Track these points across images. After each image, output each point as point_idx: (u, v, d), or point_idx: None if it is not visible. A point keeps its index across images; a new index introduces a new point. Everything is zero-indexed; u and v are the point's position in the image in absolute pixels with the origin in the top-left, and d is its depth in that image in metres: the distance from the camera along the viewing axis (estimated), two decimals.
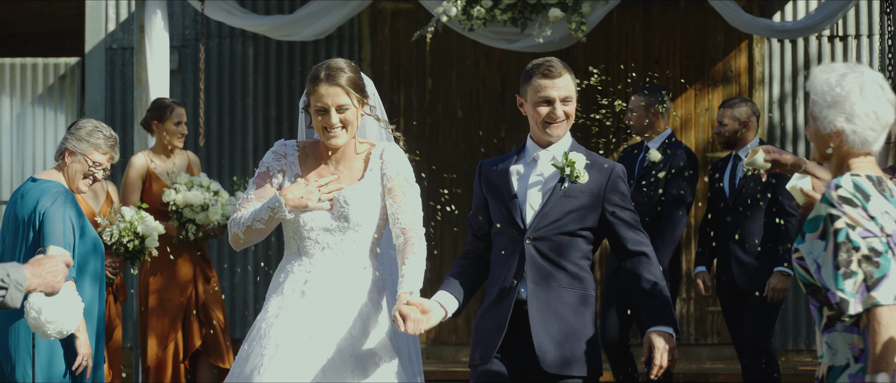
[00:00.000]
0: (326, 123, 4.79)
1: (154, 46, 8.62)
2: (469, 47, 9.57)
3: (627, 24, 9.82)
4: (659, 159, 7.88)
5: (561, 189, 4.84)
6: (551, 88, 4.87)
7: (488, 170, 5.03)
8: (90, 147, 6.15)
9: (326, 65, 4.84)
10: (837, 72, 4.14)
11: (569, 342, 4.81)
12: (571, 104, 4.91)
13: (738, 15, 8.54)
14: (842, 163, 4.14)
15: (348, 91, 4.78)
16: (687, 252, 9.52)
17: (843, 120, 4.06)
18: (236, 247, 4.92)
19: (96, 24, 9.80)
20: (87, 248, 6.37)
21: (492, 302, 4.92)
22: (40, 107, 10.61)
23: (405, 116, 9.92)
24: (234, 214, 4.90)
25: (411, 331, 4.55)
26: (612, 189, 4.88)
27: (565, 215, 4.83)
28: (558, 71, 4.89)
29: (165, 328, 7.89)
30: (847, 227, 3.96)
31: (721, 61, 9.74)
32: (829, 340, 4.07)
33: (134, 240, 7.43)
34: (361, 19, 9.82)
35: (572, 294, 4.85)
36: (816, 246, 4.05)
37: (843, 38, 9.66)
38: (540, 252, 4.83)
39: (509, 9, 8.31)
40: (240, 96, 9.93)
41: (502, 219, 4.92)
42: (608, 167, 4.92)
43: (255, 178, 4.96)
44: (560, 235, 4.83)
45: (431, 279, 9.65)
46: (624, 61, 9.80)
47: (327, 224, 4.83)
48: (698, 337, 9.78)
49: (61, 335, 5.60)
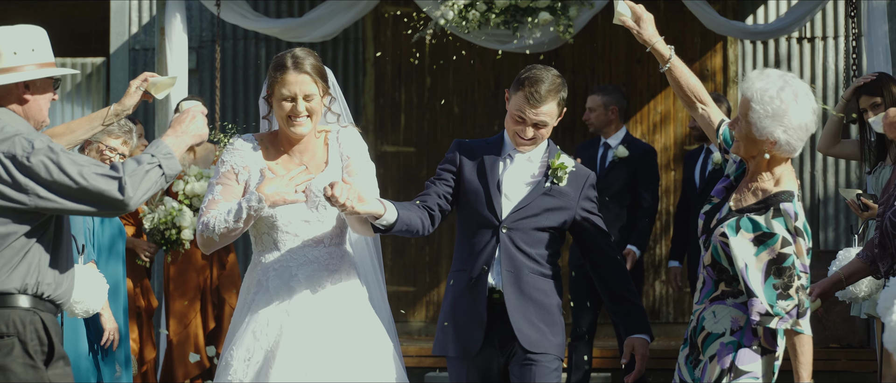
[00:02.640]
0: (292, 111, 4.49)
1: (174, 47, 8.80)
2: (465, 48, 9.55)
3: (611, 27, 9.19)
4: (626, 155, 8.02)
5: (544, 187, 4.78)
6: (530, 112, 4.71)
7: (470, 151, 4.87)
8: (104, 134, 6.32)
9: (292, 52, 4.53)
10: (775, 82, 4.23)
11: (543, 323, 4.76)
12: (546, 128, 4.75)
13: (713, 18, 8.73)
14: (768, 165, 4.31)
15: (315, 79, 4.51)
16: (666, 237, 9.67)
17: (781, 131, 4.20)
18: (208, 250, 4.54)
19: (120, 27, 9.92)
20: (112, 231, 6.68)
21: (462, 290, 4.79)
22: (69, 104, 10.56)
23: (406, 113, 10.03)
24: (203, 218, 4.49)
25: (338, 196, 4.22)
26: (586, 197, 4.82)
27: (542, 212, 4.77)
28: (540, 98, 4.70)
29: (184, 308, 8.01)
30: (794, 256, 4.21)
31: (698, 61, 9.84)
32: (716, 310, 4.35)
33: (171, 229, 7.67)
34: (366, 22, 9.90)
35: (543, 281, 4.78)
36: (747, 247, 4.25)
37: (810, 40, 9.76)
38: (514, 242, 4.74)
39: (502, 13, 8.45)
40: (253, 94, 10.00)
41: (477, 205, 4.79)
42: (583, 173, 4.84)
43: (217, 178, 4.56)
44: (534, 230, 4.76)
45: (427, 270, 9.87)
46: (608, 61, 9.93)
47: (306, 216, 4.54)
48: (676, 316, 9.88)
49: (87, 314, 5.85)
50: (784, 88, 4.21)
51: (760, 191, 4.33)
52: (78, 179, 4.17)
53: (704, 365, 4.38)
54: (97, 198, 4.19)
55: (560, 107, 4.76)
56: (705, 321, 4.39)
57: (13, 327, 4.26)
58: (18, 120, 4.38)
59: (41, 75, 4.40)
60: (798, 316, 4.19)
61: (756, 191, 4.33)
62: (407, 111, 10.12)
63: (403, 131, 10.09)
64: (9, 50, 4.38)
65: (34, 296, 4.30)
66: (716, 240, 4.34)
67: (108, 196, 4.18)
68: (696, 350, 4.40)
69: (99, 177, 4.19)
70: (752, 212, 4.28)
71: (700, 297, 4.44)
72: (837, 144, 7.05)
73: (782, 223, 4.22)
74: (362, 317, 4.58)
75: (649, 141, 9.88)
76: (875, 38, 8.27)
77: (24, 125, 4.36)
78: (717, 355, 4.32)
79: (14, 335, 4.26)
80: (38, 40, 4.45)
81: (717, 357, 4.32)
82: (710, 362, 4.35)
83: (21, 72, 4.37)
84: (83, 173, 4.18)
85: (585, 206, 4.83)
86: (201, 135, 4.43)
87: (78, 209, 4.22)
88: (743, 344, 4.32)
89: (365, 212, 4.37)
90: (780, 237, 4.21)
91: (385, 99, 10.11)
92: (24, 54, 4.39)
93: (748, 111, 4.23)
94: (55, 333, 4.33)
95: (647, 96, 9.99)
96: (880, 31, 8.27)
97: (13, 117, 4.38)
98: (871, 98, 6.59)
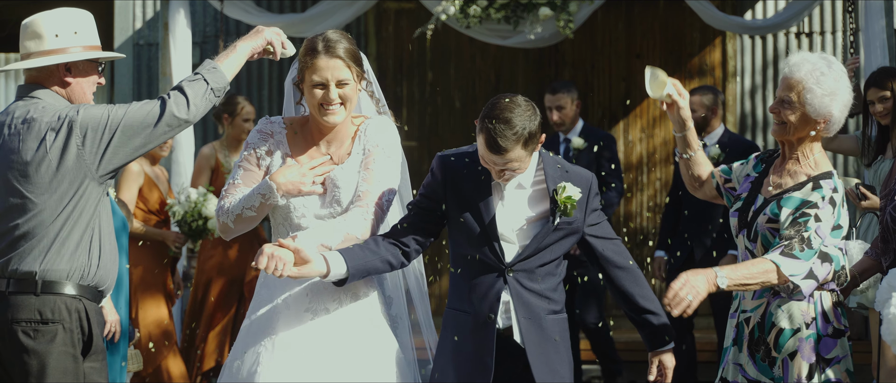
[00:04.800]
0: (325, 99, 4.19)
1: (177, 43, 8.77)
2: (466, 43, 9.65)
3: (611, 22, 9.92)
4: (584, 146, 8.05)
5: (552, 225, 4.26)
6: (492, 160, 4.16)
7: (455, 175, 4.29)
8: None
9: (324, 36, 4.22)
10: (822, 62, 4.29)
11: (561, 368, 4.33)
12: (520, 162, 4.16)
13: (712, 13, 8.75)
14: (809, 147, 4.38)
15: (349, 64, 4.20)
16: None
17: (836, 108, 4.30)
18: (226, 236, 4.33)
19: (124, 22, 9.88)
20: (117, 225, 6.43)
21: (466, 334, 4.29)
22: None
23: (408, 107, 10.07)
24: (221, 202, 4.29)
25: (263, 267, 3.95)
26: (592, 209, 4.35)
27: (549, 246, 4.29)
28: (503, 147, 4.08)
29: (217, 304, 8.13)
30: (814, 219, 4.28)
31: (697, 56, 9.90)
32: (783, 305, 4.35)
33: (198, 220, 7.75)
34: (368, 17, 9.90)
35: (556, 321, 4.35)
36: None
37: (808, 35, 9.75)
38: (523, 285, 4.27)
39: (503, 8, 8.44)
40: (256, 88, 10.02)
41: (474, 248, 4.25)
42: (586, 181, 4.33)
43: (239, 161, 4.33)
44: (542, 266, 4.30)
45: (427, 267, 9.95)
46: (607, 56, 9.98)
47: (318, 211, 4.25)
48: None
49: None
50: (832, 66, 4.32)
51: (803, 175, 4.40)
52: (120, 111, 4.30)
53: (785, 362, 4.37)
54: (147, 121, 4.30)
55: (532, 144, 4.16)
56: (775, 317, 4.40)
57: (58, 314, 4.29)
58: (62, 102, 4.43)
59: (80, 58, 4.41)
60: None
61: (796, 174, 4.40)
62: (409, 105, 10.15)
63: (405, 126, 10.15)
64: (51, 32, 4.41)
65: (80, 283, 4.33)
66: (763, 228, 4.37)
67: (153, 116, 4.28)
68: (764, 346, 4.41)
69: (140, 105, 4.32)
70: (792, 191, 4.36)
71: (756, 294, 4.41)
72: (835, 139, 7.11)
73: (820, 192, 4.32)
74: (362, 321, 4.28)
75: (649, 135, 9.95)
76: (873, 32, 8.28)
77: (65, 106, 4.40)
78: (798, 351, 4.35)
79: (58, 322, 4.29)
80: (82, 23, 4.46)
81: (799, 353, 4.35)
82: (791, 359, 4.36)
83: (61, 54, 4.40)
84: (127, 111, 4.31)
85: (592, 220, 4.36)
86: (254, 48, 4.35)
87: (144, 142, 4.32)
88: (821, 335, 4.37)
89: (300, 275, 4.04)
90: (815, 202, 4.30)
91: (387, 94, 10.10)
92: (66, 37, 4.41)
93: (804, 92, 4.29)
94: (97, 323, 4.37)
95: None
96: (878, 25, 8.28)
97: (57, 99, 4.43)
98: (880, 91, 6.69)
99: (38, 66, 4.41)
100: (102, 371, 4.41)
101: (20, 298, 4.29)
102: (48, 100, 4.39)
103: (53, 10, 4.46)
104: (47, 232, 4.30)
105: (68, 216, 4.30)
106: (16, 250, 4.32)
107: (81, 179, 4.33)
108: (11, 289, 4.30)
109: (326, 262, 4.07)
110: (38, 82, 4.46)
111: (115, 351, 6.36)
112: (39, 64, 4.40)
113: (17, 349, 4.28)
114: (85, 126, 4.28)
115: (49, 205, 4.30)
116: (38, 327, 4.28)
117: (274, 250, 3.99)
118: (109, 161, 4.30)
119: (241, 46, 4.37)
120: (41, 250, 4.30)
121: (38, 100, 4.42)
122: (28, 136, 4.32)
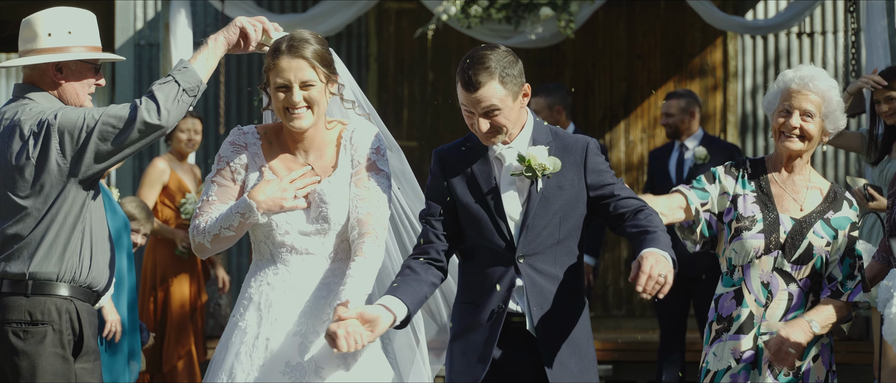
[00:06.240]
0: (288, 102, 3.92)
1: (178, 43, 8.79)
2: (467, 43, 9.40)
3: (612, 22, 9.95)
4: None
5: (537, 192, 3.99)
6: (470, 101, 3.96)
7: (453, 165, 4.12)
8: None
9: (290, 35, 3.97)
10: (826, 76, 4.41)
11: (579, 363, 4.05)
12: (501, 114, 3.95)
13: (713, 13, 8.81)
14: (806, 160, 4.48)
15: (314, 64, 3.92)
16: None
17: (842, 120, 4.43)
18: (202, 256, 4.07)
19: (125, 23, 9.90)
20: (119, 224, 6.50)
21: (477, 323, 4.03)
22: None
23: (408, 107, 10.09)
24: (195, 221, 4.00)
25: (347, 349, 3.70)
26: (592, 169, 4.03)
27: (552, 220, 4.00)
28: (476, 81, 3.91)
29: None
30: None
31: (698, 56, 9.91)
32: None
33: None
34: (368, 18, 9.91)
35: (574, 309, 4.06)
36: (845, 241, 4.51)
37: (809, 35, 9.76)
38: (536, 269, 4.00)
39: (504, 8, 8.47)
40: (257, 88, 9.80)
41: (482, 232, 4.02)
42: (580, 144, 4.05)
43: (212, 176, 4.06)
44: (553, 246, 4.01)
45: None
46: (609, 56, 10.00)
47: (303, 227, 3.98)
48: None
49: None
50: (831, 80, 4.44)
51: (817, 190, 4.50)
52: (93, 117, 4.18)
53: (808, 365, 4.50)
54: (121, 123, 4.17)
55: (511, 84, 3.93)
56: None
57: (48, 315, 4.27)
58: (55, 103, 4.34)
59: (69, 58, 4.30)
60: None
61: (811, 189, 4.48)
62: (410, 106, 10.17)
63: (406, 126, 10.16)
64: (44, 31, 4.31)
65: (72, 284, 4.31)
66: (820, 251, 4.43)
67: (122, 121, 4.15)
68: None
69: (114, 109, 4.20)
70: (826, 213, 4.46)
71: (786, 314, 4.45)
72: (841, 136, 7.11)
73: (854, 209, 4.48)
74: None
75: (650, 135, 9.95)
76: (874, 32, 8.31)
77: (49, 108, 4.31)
78: (820, 356, 4.52)
79: (48, 323, 4.27)
80: (78, 23, 4.35)
81: (820, 358, 4.53)
82: (813, 363, 4.51)
83: (52, 54, 4.30)
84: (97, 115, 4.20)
85: (595, 181, 4.03)
86: (228, 39, 4.16)
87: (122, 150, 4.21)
88: (831, 344, 4.59)
89: (377, 336, 3.82)
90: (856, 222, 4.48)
91: (388, 94, 10.18)
92: (60, 36, 4.30)
93: (823, 105, 4.38)
94: (89, 324, 4.33)
95: (648, 91, 10.03)
96: (879, 25, 8.30)
97: (50, 100, 4.35)
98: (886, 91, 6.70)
99: (25, 64, 4.33)
100: (95, 371, 4.38)
101: (11, 299, 4.28)
102: (40, 102, 4.32)
103: (52, 8, 4.38)
104: (35, 234, 4.28)
105: (53, 218, 4.27)
106: (6, 252, 4.31)
107: (64, 182, 4.27)
108: (3, 290, 4.29)
109: (390, 311, 3.84)
110: (32, 82, 4.40)
111: (118, 350, 6.33)
112: (27, 62, 4.32)
113: (8, 350, 4.28)
114: (62, 130, 4.20)
115: (35, 208, 4.26)
116: (27, 328, 4.27)
117: (345, 327, 3.73)
118: (89, 165, 4.23)
119: (214, 41, 4.19)
120: (30, 252, 4.29)
121: (28, 102, 4.35)
122: (12, 140, 4.28)
